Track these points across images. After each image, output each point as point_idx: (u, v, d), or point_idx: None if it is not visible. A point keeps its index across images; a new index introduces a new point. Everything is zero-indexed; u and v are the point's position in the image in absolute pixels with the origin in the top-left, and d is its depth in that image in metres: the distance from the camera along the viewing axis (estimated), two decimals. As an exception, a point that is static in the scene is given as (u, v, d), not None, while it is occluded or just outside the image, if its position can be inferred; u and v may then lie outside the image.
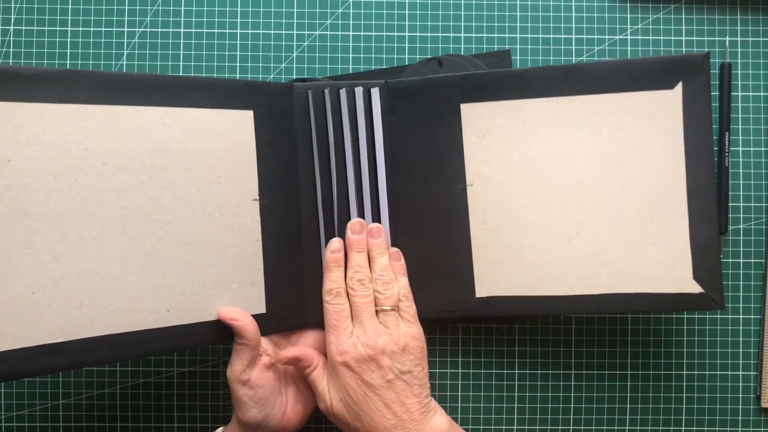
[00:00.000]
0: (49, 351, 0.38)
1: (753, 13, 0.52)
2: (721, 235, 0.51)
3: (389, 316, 0.43)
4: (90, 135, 0.39)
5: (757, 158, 0.52)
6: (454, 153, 0.45)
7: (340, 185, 0.46)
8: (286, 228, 0.45)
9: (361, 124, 0.46)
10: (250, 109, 0.44)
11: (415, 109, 0.46)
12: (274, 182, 0.44)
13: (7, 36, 0.51)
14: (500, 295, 0.46)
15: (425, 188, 0.46)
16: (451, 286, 0.46)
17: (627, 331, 0.52)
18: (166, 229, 0.41)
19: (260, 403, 0.42)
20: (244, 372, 0.42)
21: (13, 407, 0.51)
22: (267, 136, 0.44)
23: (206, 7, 0.52)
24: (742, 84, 0.52)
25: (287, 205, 0.45)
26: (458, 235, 0.46)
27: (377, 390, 0.41)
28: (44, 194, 0.38)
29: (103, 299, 0.39)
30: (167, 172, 0.41)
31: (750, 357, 0.52)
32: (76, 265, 0.38)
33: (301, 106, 0.46)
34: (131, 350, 0.40)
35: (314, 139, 0.46)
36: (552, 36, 0.52)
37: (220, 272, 0.43)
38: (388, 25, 0.52)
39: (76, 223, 0.39)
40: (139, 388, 0.51)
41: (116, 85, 0.40)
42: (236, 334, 0.42)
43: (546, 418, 0.52)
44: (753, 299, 0.52)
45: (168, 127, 0.41)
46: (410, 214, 0.46)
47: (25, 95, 0.37)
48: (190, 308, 0.42)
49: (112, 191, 0.39)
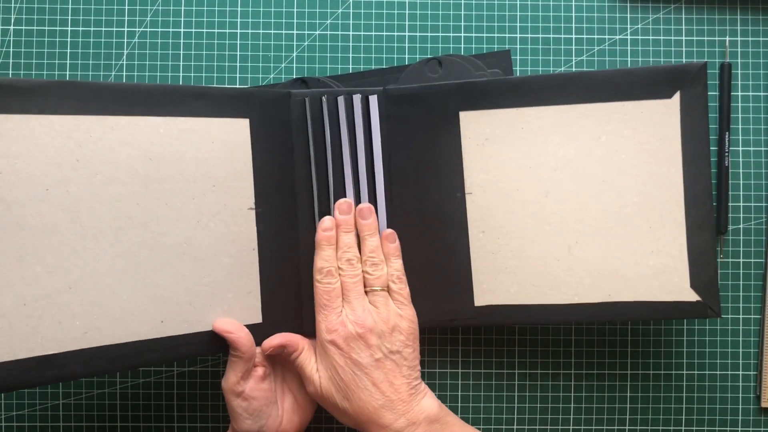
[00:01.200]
0: (41, 363, 0.37)
1: (753, 13, 0.52)
2: (721, 235, 0.51)
3: (378, 296, 0.43)
4: (82, 146, 0.39)
5: (757, 158, 0.52)
6: (453, 161, 0.45)
7: (338, 194, 0.46)
8: (283, 237, 0.45)
9: (359, 131, 0.46)
10: (246, 117, 0.43)
11: (414, 117, 0.46)
12: (270, 191, 0.44)
13: (7, 36, 0.51)
14: (499, 303, 0.46)
15: (424, 196, 0.46)
16: (450, 295, 0.46)
17: (627, 330, 0.52)
18: (159, 240, 0.41)
19: (255, 415, 0.42)
20: (238, 384, 0.42)
21: (13, 407, 0.51)
22: (263, 145, 0.44)
23: (206, 7, 0.52)
24: (742, 84, 0.52)
25: (283, 213, 0.45)
26: (457, 244, 0.46)
27: (365, 369, 0.41)
28: (36, 206, 0.38)
29: (96, 311, 0.39)
30: (161, 183, 0.41)
31: (750, 357, 0.52)
32: (68, 276, 0.38)
33: (298, 114, 0.45)
34: (125, 361, 0.40)
35: (311, 147, 0.45)
36: (552, 36, 0.52)
37: (215, 282, 0.42)
38: (388, 25, 0.52)
39: (68, 235, 0.38)
40: (139, 388, 0.51)
41: (109, 95, 0.39)
42: (231, 346, 0.42)
43: (546, 418, 0.52)
44: (753, 299, 0.52)
45: (162, 136, 0.41)
46: (408, 222, 0.46)
47: (15, 107, 0.37)
48: (184, 319, 0.41)
49: (105, 202, 0.39)
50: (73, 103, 0.39)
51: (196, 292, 0.42)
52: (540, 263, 0.45)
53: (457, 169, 0.45)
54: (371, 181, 0.46)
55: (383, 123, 0.46)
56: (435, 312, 0.46)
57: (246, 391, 0.42)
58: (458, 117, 0.45)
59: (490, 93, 0.45)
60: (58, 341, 0.38)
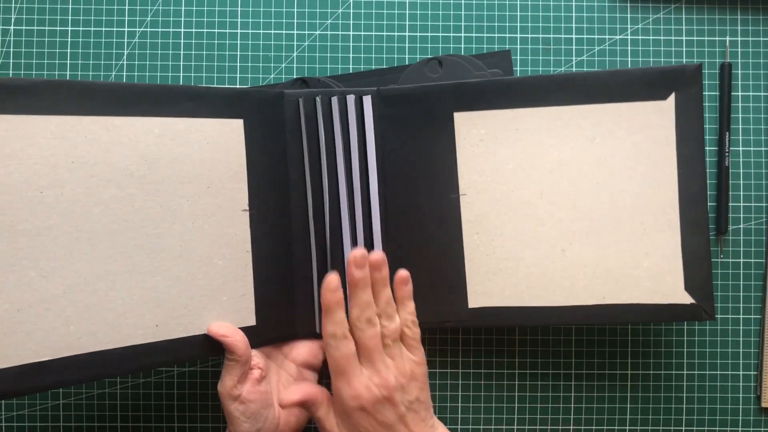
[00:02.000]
0: (36, 370, 0.37)
1: (753, 13, 0.52)
2: (721, 235, 0.51)
3: (394, 348, 0.42)
4: (77, 147, 0.38)
5: (757, 158, 0.52)
6: (447, 162, 0.45)
7: (332, 194, 0.45)
8: (276, 239, 0.45)
9: (353, 132, 0.46)
10: (240, 117, 0.43)
11: (408, 118, 0.46)
12: (264, 192, 0.44)
13: (7, 36, 0.51)
14: (493, 305, 0.46)
15: (418, 197, 0.46)
16: (444, 297, 0.46)
17: (627, 331, 0.52)
18: (155, 242, 0.40)
19: (252, 418, 0.42)
20: (234, 387, 0.41)
21: (13, 407, 0.51)
22: (257, 145, 0.44)
23: (206, 7, 0.52)
24: (742, 84, 0.52)
25: (277, 215, 0.45)
26: (451, 245, 0.46)
27: (392, 427, 0.41)
28: (30, 209, 0.37)
29: (90, 315, 0.38)
30: (156, 184, 0.40)
31: (750, 357, 0.52)
32: (63, 281, 0.38)
33: (292, 114, 0.45)
34: (121, 366, 0.39)
35: (305, 148, 0.45)
36: (552, 36, 0.52)
37: (210, 285, 0.42)
38: (389, 25, 0.52)
39: (63, 238, 0.38)
40: (139, 388, 0.51)
41: (103, 95, 0.39)
42: (226, 350, 0.42)
43: (546, 418, 0.52)
44: (753, 299, 0.52)
45: (157, 137, 0.41)
46: (402, 223, 0.46)
47: (9, 107, 0.37)
48: (179, 322, 0.41)
49: (101, 204, 0.39)
50: (67, 104, 0.38)
51: (190, 296, 0.41)
52: (534, 265, 0.45)
53: (451, 170, 0.45)
54: (365, 182, 0.46)
55: (377, 124, 0.46)
56: (429, 314, 0.46)
57: (243, 394, 0.42)
58: (453, 118, 0.45)
59: (484, 94, 0.45)
60: (52, 348, 0.37)
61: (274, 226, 0.45)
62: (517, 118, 0.45)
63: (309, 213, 0.46)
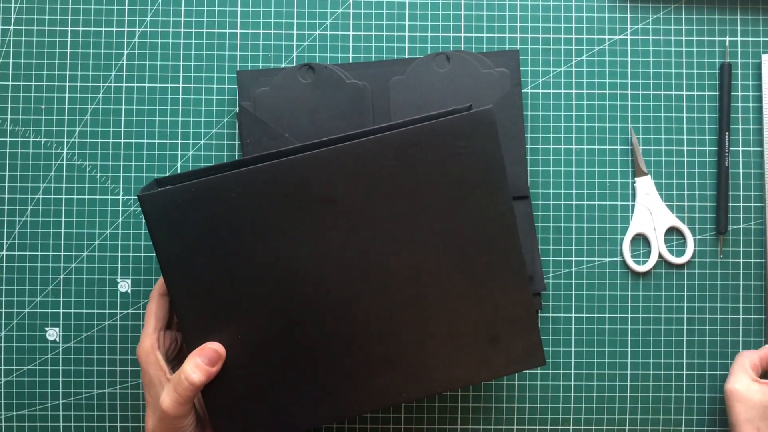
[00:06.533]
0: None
1: (753, 13, 0.52)
2: (721, 235, 0.51)
3: None
4: None
5: (757, 158, 0.52)
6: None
7: None
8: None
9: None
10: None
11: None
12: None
13: (7, 36, 0.51)
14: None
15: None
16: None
17: (627, 331, 0.52)
18: None
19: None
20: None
21: (13, 407, 0.51)
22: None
23: (206, 7, 0.52)
24: (742, 84, 0.52)
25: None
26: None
27: None
28: None
29: None
30: None
31: (750, 357, 0.52)
32: None
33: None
34: None
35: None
36: (552, 36, 0.52)
37: None
38: (389, 25, 0.52)
39: None
40: (139, 388, 0.51)
41: None
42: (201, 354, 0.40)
43: (546, 418, 0.52)
44: (753, 299, 0.52)
45: None
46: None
47: None
48: None
49: None
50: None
51: None
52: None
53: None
54: None
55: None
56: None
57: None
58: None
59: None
60: None
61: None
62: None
63: None
